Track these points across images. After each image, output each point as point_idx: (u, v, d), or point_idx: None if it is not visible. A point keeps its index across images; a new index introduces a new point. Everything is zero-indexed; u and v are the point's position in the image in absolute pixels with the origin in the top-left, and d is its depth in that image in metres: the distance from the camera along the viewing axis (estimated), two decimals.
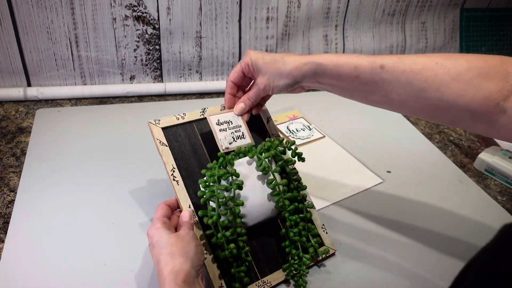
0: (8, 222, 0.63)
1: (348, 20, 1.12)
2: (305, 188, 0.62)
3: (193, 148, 0.60)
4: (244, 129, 0.63)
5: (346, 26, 1.13)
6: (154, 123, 0.59)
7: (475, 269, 0.32)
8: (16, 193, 0.69)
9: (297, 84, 0.58)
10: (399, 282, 0.60)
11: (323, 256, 0.62)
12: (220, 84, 1.07)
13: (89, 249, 0.60)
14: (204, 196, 0.54)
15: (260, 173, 0.58)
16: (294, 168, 0.62)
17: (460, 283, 0.34)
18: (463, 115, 0.47)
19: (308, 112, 0.99)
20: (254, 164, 0.59)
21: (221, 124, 0.62)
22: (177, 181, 0.57)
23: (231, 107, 0.63)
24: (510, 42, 1.29)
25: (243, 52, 1.06)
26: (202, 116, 0.62)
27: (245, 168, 0.58)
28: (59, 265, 0.58)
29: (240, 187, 0.55)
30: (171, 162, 0.57)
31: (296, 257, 0.59)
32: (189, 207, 0.56)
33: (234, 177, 0.56)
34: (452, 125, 0.51)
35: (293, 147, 0.62)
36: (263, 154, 0.59)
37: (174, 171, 0.57)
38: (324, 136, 0.92)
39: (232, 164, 0.57)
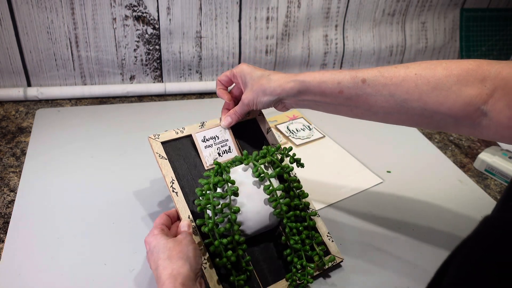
0: (8, 222, 0.63)
1: (348, 20, 1.12)
2: (307, 195, 0.61)
3: (193, 161, 0.61)
4: (231, 142, 0.63)
5: (346, 26, 1.13)
6: (153, 138, 0.60)
7: (457, 261, 0.33)
8: (16, 193, 0.69)
9: (280, 101, 0.59)
10: (399, 282, 0.60)
11: (330, 264, 0.60)
12: None
13: (89, 249, 0.60)
14: (201, 204, 0.54)
15: (257, 180, 0.58)
16: (294, 175, 0.62)
17: (443, 275, 0.34)
18: (447, 121, 0.48)
19: (308, 112, 0.99)
20: (250, 171, 0.59)
21: (207, 140, 0.62)
22: (176, 192, 0.57)
23: (227, 98, 0.64)
24: (510, 42, 1.29)
25: (243, 52, 1.06)
26: (201, 130, 0.63)
27: (241, 175, 0.58)
28: (59, 265, 0.58)
29: (235, 193, 0.55)
30: (170, 174, 0.58)
31: (299, 266, 0.57)
32: (188, 217, 0.56)
33: (229, 184, 0.56)
34: (438, 130, 0.53)
35: (291, 153, 0.62)
36: (259, 161, 0.59)
37: (173, 183, 0.58)
38: (324, 136, 0.92)
39: (228, 172, 0.57)
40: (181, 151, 0.61)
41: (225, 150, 0.63)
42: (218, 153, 0.62)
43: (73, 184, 0.71)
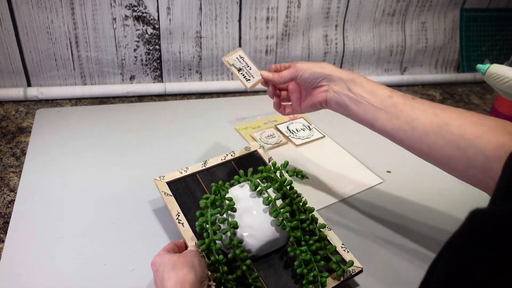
0: (8, 222, 0.63)
1: (348, 20, 1.12)
2: (312, 210, 0.61)
3: (198, 196, 0.64)
4: (254, 80, 0.66)
5: (346, 26, 1.13)
6: (159, 179, 0.64)
7: (445, 257, 0.32)
8: (16, 193, 0.69)
9: (328, 82, 0.61)
10: (398, 282, 0.60)
11: (349, 270, 0.56)
12: (220, 84, 1.07)
13: (89, 249, 0.60)
14: (200, 224, 0.55)
15: (256, 198, 0.58)
16: (293, 189, 0.61)
17: (433, 272, 0.34)
18: (477, 159, 0.48)
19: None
20: (248, 188, 0.60)
21: (242, 60, 0.67)
22: (182, 223, 0.59)
23: (273, 68, 0.68)
24: (510, 42, 1.29)
25: None
26: (203, 167, 0.67)
27: (239, 194, 0.59)
28: (59, 265, 0.58)
29: (232, 208, 0.56)
30: (176, 208, 0.61)
31: (311, 278, 0.54)
32: (195, 244, 0.57)
33: (226, 201, 0.57)
34: (464, 175, 0.53)
35: (288, 167, 0.63)
36: (254, 176, 0.60)
37: (179, 215, 0.60)
38: (324, 136, 0.92)
39: (225, 191, 0.58)
40: (186, 188, 0.64)
41: (245, 76, 0.66)
42: (239, 68, 0.66)
43: (73, 184, 0.71)
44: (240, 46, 1.05)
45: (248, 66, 0.67)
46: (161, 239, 0.63)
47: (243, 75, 0.66)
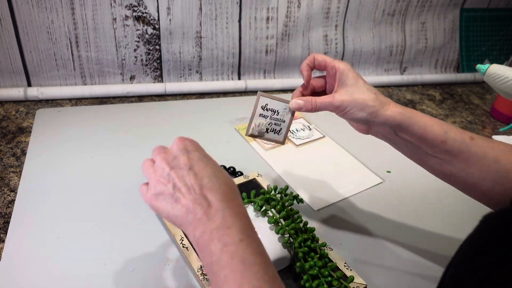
0: (8, 222, 0.63)
1: (348, 20, 1.12)
2: (313, 230, 0.61)
3: None
4: (285, 126, 0.61)
5: (346, 26, 1.13)
6: None
7: (457, 261, 0.32)
8: (16, 193, 0.69)
9: (372, 122, 0.53)
10: (399, 282, 0.60)
11: (351, 286, 0.56)
12: (220, 84, 1.07)
13: (89, 249, 0.60)
14: None
15: (260, 216, 0.59)
16: (293, 209, 0.62)
17: (446, 275, 0.33)
18: None
19: (308, 112, 0.99)
20: (251, 210, 0.60)
21: (266, 110, 0.59)
22: (186, 247, 0.60)
23: (306, 76, 0.59)
24: (510, 42, 1.29)
25: (243, 52, 1.06)
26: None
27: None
28: (59, 265, 0.58)
29: None
30: (179, 233, 0.62)
31: None
32: (201, 267, 0.57)
33: None
34: None
35: (288, 191, 0.64)
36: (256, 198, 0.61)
37: (183, 240, 0.60)
38: (324, 136, 0.92)
39: None
40: None
41: (275, 129, 0.60)
42: (266, 128, 0.60)
43: (73, 184, 0.71)
44: (240, 46, 1.05)
45: (274, 112, 0.59)
46: (162, 239, 0.63)
47: (273, 130, 0.59)
